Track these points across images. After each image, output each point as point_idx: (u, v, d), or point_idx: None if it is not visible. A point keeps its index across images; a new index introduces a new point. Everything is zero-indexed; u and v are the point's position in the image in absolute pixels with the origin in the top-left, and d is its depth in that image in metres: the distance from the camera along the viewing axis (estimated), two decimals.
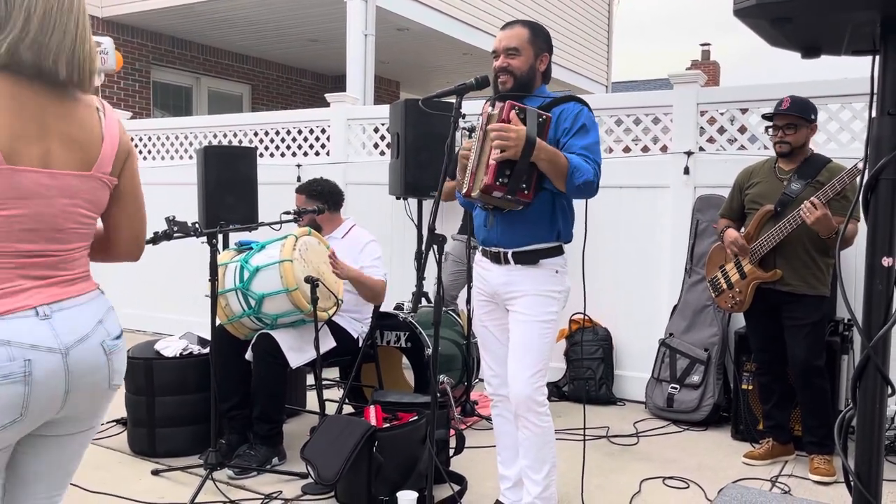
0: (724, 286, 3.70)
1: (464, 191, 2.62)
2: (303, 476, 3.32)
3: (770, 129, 3.61)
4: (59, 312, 1.56)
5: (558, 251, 2.66)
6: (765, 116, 3.63)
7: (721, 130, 4.65)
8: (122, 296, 7.00)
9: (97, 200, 1.65)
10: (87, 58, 1.59)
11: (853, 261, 4.06)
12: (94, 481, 3.31)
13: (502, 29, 2.69)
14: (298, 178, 5.82)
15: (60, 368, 1.54)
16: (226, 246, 4.88)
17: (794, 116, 3.46)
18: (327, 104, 6.13)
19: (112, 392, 1.70)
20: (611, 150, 5.02)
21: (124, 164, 1.71)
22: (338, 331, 3.82)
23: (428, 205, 5.17)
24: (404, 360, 4.46)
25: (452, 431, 3.37)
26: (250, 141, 6.45)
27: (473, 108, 4.75)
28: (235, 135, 6.53)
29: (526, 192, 2.48)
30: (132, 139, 7.01)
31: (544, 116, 2.49)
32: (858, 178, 3.23)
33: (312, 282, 3.37)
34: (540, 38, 2.67)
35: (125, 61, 9.08)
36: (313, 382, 3.70)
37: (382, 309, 4.05)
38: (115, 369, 1.68)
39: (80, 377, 1.58)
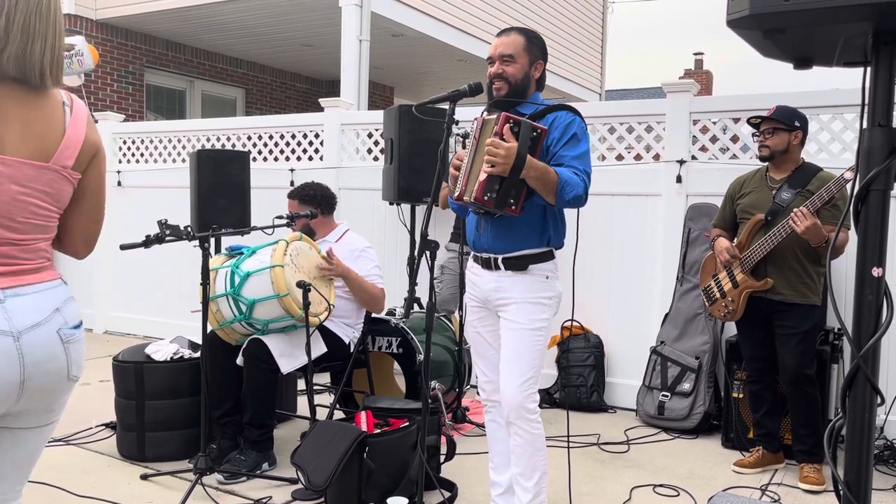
0: (718, 295, 3.71)
1: (456, 195, 2.63)
2: (293, 481, 3.31)
3: (756, 136, 3.66)
4: (13, 298, 1.56)
5: (549, 256, 2.67)
6: (750, 122, 3.67)
7: (713, 139, 4.68)
8: (113, 299, 6.97)
9: (57, 194, 1.64)
10: (60, 60, 1.61)
11: (844, 270, 4.09)
12: (81, 485, 3.29)
13: (498, 36, 2.70)
14: (292, 183, 5.82)
15: (13, 352, 1.53)
16: (218, 250, 4.87)
17: (774, 121, 3.51)
18: (321, 109, 6.13)
19: (71, 384, 1.69)
20: (603, 158, 5.03)
21: (90, 163, 1.69)
22: (329, 336, 3.81)
23: (421, 210, 5.18)
24: (396, 365, 4.46)
25: (443, 438, 3.37)
26: (244, 145, 6.44)
27: (467, 114, 4.77)
28: (229, 139, 6.52)
29: (513, 206, 2.49)
30: (124, 142, 6.99)
31: (539, 130, 2.48)
32: (849, 187, 3.25)
33: (304, 286, 3.37)
34: (535, 46, 2.68)
35: (118, 63, 9.07)
36: (304, 387, 3.69)
37: (374, 314, 4.04)
38: (73, 360, 1.66)
39: (35, 364, 1.57)
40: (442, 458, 3.34)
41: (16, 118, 1.55)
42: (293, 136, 6.23)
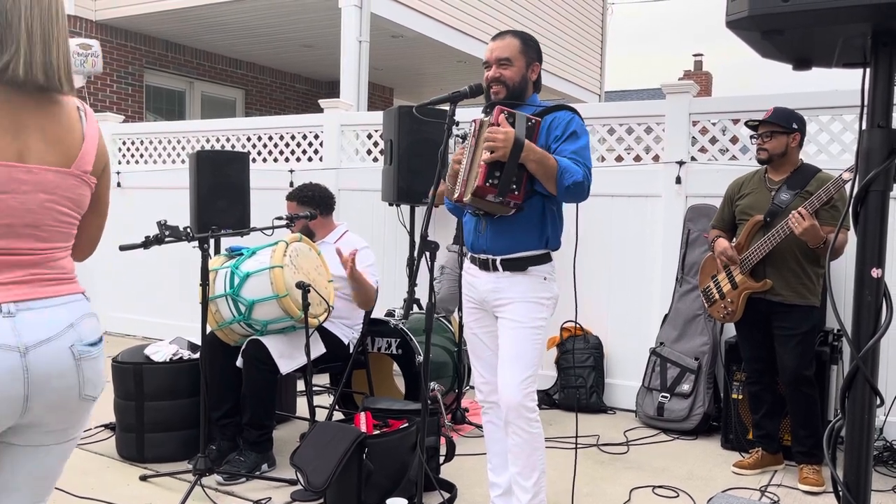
0: (717, 296, 3.71)
1: (455, 196, 2.63)
2: (292, 483, 3.31)
3: (754, 138, 3.66)
4: (25, 312, 1.52)
5: (546, 258, 2.68)
6: (748, 125, 3.67)
7: (713, 140, 4.68)
8: (112, 300, 6.97)
9: (78, 199, 1.64)
10: (67, 64, 1.61)
11: (843, 271, 4.09)
12: (80, 486, 3.29)
13: (493, 39, 2.71)
14: (291, 184, 5.82)
15: (18, 367, 1.49)
16: (217, 251, 4.87)
17: (772, 124, 3.51)
18: (321, 110, 6.13)
19: (86, 404, 1.64)
20: (603, 159, 5.03)
21: (103, 170, 1.71)
22: (328, 337, 3.81)
23: (420, 211, 5.18)
24: (395, 366, 4.45)
25: (443, 439, 3.36)
26: (243, 146, 6.44)
27: (467, 115, 4.77)
28: (228, 139, 6.52)
29: (516, 192, 2.49)
30: (124, 142, 7.00)
31: (533, 120, 2.52)
32: (847, 188, 3.25)
33: (304, 287, 3.37)
34: (530, 48, 2.69)
35: (118, 64, 9.07)
36: (303, 388, 3.69)
37: (374, 315, 4.04)
38: (86, 378, 1.61)
39: (42, 381, 1.53)
40: (441, 459, 3.34)
41: (36, 126, 1.55)
42: (293, 137, 6.22)
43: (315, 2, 7.96)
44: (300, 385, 4.46)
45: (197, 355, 3.78)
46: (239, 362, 3.55)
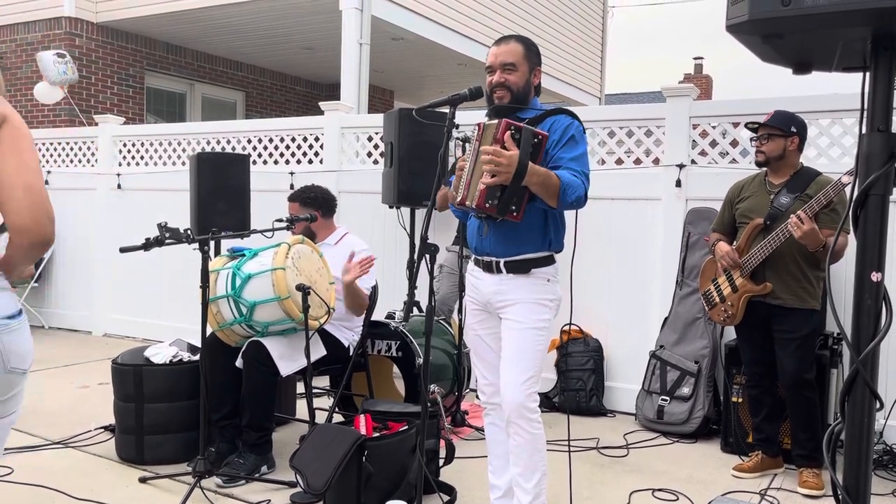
0: (717, 299, 3.71)
1: (458, 200, 2.63)
2: (291, 485, 3.31)
3: (753, 140, 3.66)
4: None
5: (549, 260, 2.68)
6: (748, 126, 3.68)
7: (713, 144, 4.68)
8: (113, 301, 6.97)
9: None
10: None
11: (843, 275, 4.09)
12: (79, 488, 3.29)
13: (496, 44, 2.71)
14: (291, 186, 5.82)
15: None
16: (217, 253, 4.87)
17: (770, 127, 3.52)
18: (321, 112, 6.13)
19: (14, 377, 1.66)
20: (603, 162, 5.04)
21: None
22: (329, 339, 3.81)
23: (421, 214, 5.18)
24: (395, 369, 4.45)
25: (443, 441, 3.36)
26: (243, 148, 6.44)
27: (467, 118, 4.78)
28: (229, 141, 6.52)
29: (515, 213, 2.50)
30: (125, 144, 7.00)
31: (540, 136, 2.49)
32: (848, 191, 3.26)
33: (304, 290, 3.37)
34: (533, 53, 2.71)
35: (119, 66, 9.08)
36: (303, 391, 3.69)
37: (374, 318, 4.04)
38: (10, 350, 1.65)
39: None
40: (441, 461, 3.34)
41: None
42: (293, 140, 6.23)
43: (316, 4, 7.97)
44: (300, 387, 4.46)
45: (196, 357, 3.78)
46: (239, 363, 3.55)
